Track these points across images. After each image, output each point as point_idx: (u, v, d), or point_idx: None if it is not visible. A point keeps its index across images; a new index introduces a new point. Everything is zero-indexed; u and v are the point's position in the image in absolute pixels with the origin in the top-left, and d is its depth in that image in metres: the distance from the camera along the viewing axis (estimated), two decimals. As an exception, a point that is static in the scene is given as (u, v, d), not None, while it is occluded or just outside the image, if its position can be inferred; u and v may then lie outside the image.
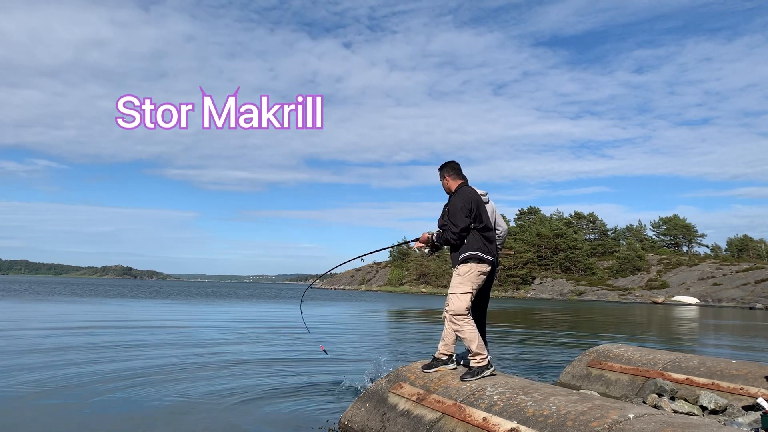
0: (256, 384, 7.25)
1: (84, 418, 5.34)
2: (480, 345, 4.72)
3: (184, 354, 9.94)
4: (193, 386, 6.99)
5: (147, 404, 5.94)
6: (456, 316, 4.76)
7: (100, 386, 6.78)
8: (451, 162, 5.13)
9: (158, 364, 8.66)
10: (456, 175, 5.07)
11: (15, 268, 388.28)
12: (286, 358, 10.01)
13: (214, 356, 9.90)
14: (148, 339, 12.25)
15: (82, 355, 9.35)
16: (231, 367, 8.71)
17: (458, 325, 4.76)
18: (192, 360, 9.25)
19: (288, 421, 5.44)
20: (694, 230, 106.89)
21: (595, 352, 7.18)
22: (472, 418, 3.99)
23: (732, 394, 5.45)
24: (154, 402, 6.05)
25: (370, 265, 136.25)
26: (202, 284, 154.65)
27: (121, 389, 6.67)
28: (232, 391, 6.72)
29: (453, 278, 4.90)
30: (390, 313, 30.50)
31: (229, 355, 10.08)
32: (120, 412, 5.59)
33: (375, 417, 4.75)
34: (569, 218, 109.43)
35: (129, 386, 6.86)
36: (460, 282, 4.78)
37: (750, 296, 68.75)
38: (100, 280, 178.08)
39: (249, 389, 6.88)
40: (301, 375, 8.09)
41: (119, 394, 6.43)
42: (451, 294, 4.86)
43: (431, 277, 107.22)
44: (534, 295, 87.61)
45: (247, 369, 8.53)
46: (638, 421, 3.31)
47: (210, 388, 6.91)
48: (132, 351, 10.14)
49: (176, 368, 8.30)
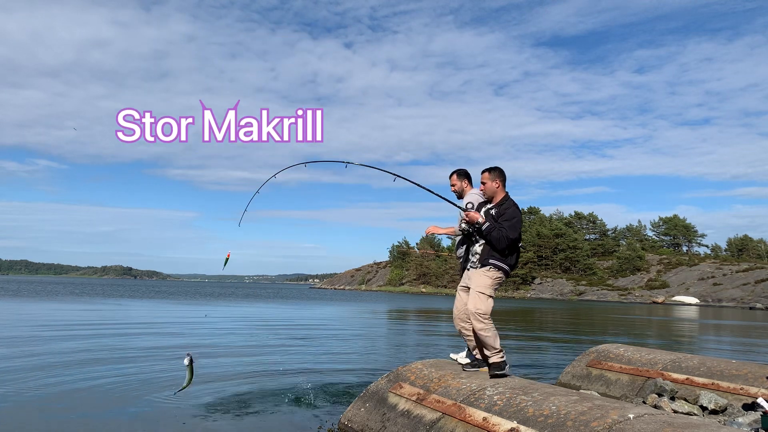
0: (256, 384, 7.24)
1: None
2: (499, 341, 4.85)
3: (180, 356, 9.93)
4: (192, 387, 6.98)
5: (147, 411, 5.93)
6: (485, 316, 4.75)
7: (100, 393, 6.78)
8: (501, 169, 5.08)
9: (156, 369, 8.65)
10: (504, 184, 5.04)
11: (15, 268, 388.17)
12: (287, 358, 10.00)
13: (214, 356, 9.90)
14: (145, 344, 12.25)
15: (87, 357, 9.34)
16: (230, 367, 8.70)
17: (486, 324, 4.75)
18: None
19: (288, 422, 5.44)
20: (694, 230, 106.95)
21: (595, 352, 7.17)
22: (472, 418, 3.99)
23: (732, 394, 5.44)
24: (154, 407, 6.05)
25: (370, 265, 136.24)
26: (202, 284, 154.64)
27: (120, 391, 6.68)
28: (232, 392, 6.72)
29: (480, 277, 4.83)
30: (390, 313, 30.50)
31: (229, 355, 10.08)
32: (120, 415, 5.59)
33: (375, 417, 4.75)
34: (569, 218, 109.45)
35: (129, 387, 6.86)
36: (490, 285, 4.79)
37: (750, 296, 68.75)
38: (99, 280, 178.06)
39: (249, 389, 6.88)
40: (301, 375, 8.08)
41: (120, 395, 6.43)
42: (480, 293, 4.79)
43: (431, 277, 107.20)
44: (534, 295, 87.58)
45: (246, 369, 8.53)
46: (638, 421, 3.31)
47: (210, 388, 6.91)
48: (132, 356, 10.13)
49: (174, 373, 8.30)
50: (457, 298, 5.09)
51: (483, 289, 4.77)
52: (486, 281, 4.78)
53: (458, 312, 5.03)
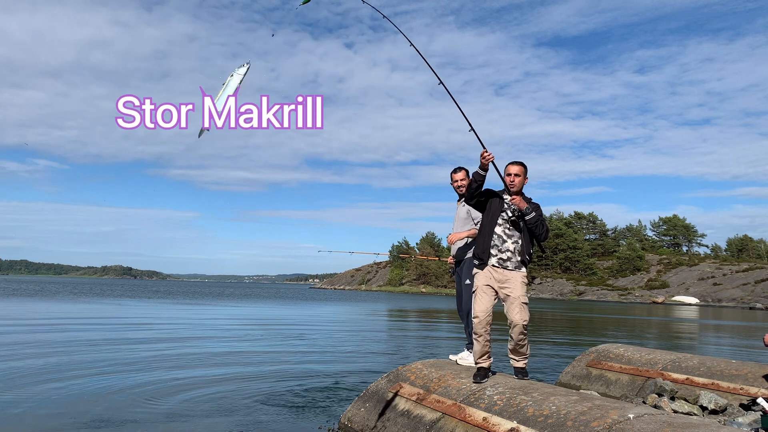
0: (256, 384, 7.25)
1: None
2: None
3: (179, 355, 9.93)
4: (194, 388, 6.99)
5: (149, 410, 5.93)
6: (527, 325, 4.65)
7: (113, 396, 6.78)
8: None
9: (157, 375, 8.65)
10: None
11: (15, 268, 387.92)
12: (286, 358, 10.01)
13: (213, 357, 9.90)
14: (149, 351, 12.25)
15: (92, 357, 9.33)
16: (230, 367, 8.70)
17: (527, 333, 4.69)
18: (190, 361, 9.25)
19: (288, 421, 5.44)
20: (694, 230, 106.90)
21: (595, 352, 7.17)
22: (472, 418, 3.99)
23: (732, 394, 5.45)
24: (153, 407, 6.05)
25: (370, 265, 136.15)
26: (202, 284, 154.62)
27: (123, 393, 6.68)
28: (232, 392, 6.72)
29: (522, 285, 4.62)
30: (390, 312, 30.49)
31: (229, 355, 10.08)
32: (120, 417, 5.59)
33: (375, 417, 4.75)
34: (569, 218, 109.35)
35: (129, 390, 6.86)
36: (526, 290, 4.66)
37: (750, 296, 68.73)
38: (99, 280, 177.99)
39: (249, 390, 6.88)
40: (301, 375, 8.08)
41: (122, 398, 6.43)
42: (525, 303, 4.62)
43: (431, 277, 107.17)
44: (534, 295, 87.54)
45: (246, 369, 8.53)
46: (638, 421, 3.31)
47: (210, 388, 6.91)
48: (133, 363, 10.13)
49: (177, 381, 8.30)
50: (485, 299, 4.62)
51: (526, 297, 4.64)
52: (525, 287, 4.64)
53: (485, 315, 4.60)
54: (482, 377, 4.53)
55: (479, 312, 4.61)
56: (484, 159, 4.50)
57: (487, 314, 4.60)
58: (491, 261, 4.65)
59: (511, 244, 4.66)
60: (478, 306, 4.63)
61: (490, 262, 4.65)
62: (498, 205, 4.73)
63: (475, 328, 4.63)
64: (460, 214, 5.52)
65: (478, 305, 4.62)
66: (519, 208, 4.63)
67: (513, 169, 4.72)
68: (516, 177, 4.70)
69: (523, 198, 4.75)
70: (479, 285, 4.68)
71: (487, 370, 4.63)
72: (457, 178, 5.49)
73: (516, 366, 4.82)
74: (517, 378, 4.71)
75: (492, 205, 4.75)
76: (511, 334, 4.68)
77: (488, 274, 4.65)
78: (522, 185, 4.77)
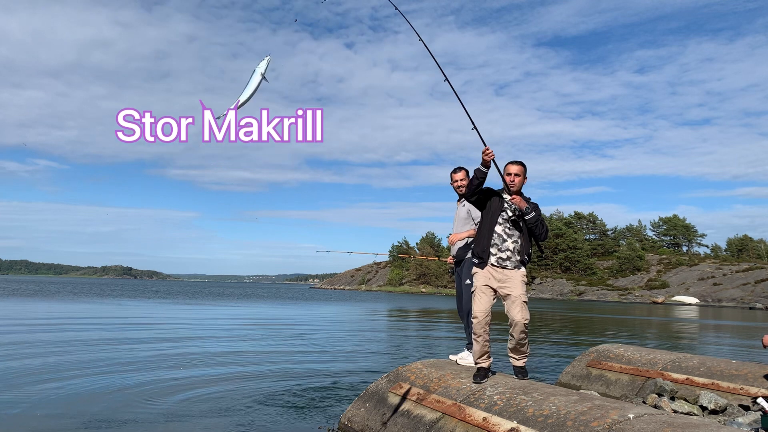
0: (255, 384, 7.24)
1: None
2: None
3: (179, 355, 9.93)
4: (193, 388, 6.98)
5: (148, 410, 5.93)
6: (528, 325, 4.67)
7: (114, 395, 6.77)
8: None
9: (154, 376, 8.65)
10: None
11: (15, 268, 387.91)
12: (286, 358, 10.00)
13: (213, 357, 9.90)
14: (149, 351, 12.24)
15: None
16: (230, 367, 8.70)
17: (527, 332, 4.69)
18: (190, 360, 9.25)
19: (288, 421, 5.44)
20: (694, 230, 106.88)
21: (595, 352, 7.17)
22: (472, 418, 3.99)
23: (732, 394, 5.44)
24: (152, 407, 6.04)
25: (370, 265, 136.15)
26: (202, 284, 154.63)
27: (123, 393, 6.68)
28: (232, 392, 6.72)
29: (522, 284, 4.63)
30: (390, 312, 30.49)
31: (229, 355, 10.08)
32: (119, 416, 5.58)
33: (375, 417, 4.75)
34: (569, 218, 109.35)
35: (128, 389, 6.86)
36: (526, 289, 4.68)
37: (750, 296, 68.71)
38: (99, 280, 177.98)
39: (248, 389, 6.88)
40: (301, 375, 8.08)
41: (121, 397, 6.43)
42: (525, 302, 4.64)
43: (431, 277, 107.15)
44: (534, 295, 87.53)
45: (246, 369, 8.53)
46: (638, 421, 3.30)
47: (209, 388, 6.91)
48: (132, 363, 10.13)
49: (176, 380, 8.30)
50: (484, 299, 4.62)
51: (526, 296, 4.66)
52: (524, 286, 4.65)
53: (484, 315, 4.59)
54: (482, 377, 4.52)
55: (478, 312, 4.61)
56: (486, 155, 4.49)
57: (486, 314, 4.60)
58: (491, 260, 4.65)
59: (510, 244, 4.66)
60: (476, 306, 4.63)
61: (490, 261, 4.65)
62: (498, 205, 4.71)
63: (475, 329, 4.62)
64: (461, 214, 5.51)
65: (477, 306, 4.63)
66: (519, 208, 4.62)
67: (513, 169, 4.71)
68: (516, 176, 4.69)
69: (522, 198, 4.75)
70: (478, 285, 4.68)
71: (486, 370, 4.62)
72: (457, 178, 5.48)
73: (516, 365, 4.82)
74: (517, 377, 4.72)
75: (492, 204, 4.73)
76: (512, 333, 4.68)
77: (487, 274, 4.66)
78: (522, 185, 4.76)
